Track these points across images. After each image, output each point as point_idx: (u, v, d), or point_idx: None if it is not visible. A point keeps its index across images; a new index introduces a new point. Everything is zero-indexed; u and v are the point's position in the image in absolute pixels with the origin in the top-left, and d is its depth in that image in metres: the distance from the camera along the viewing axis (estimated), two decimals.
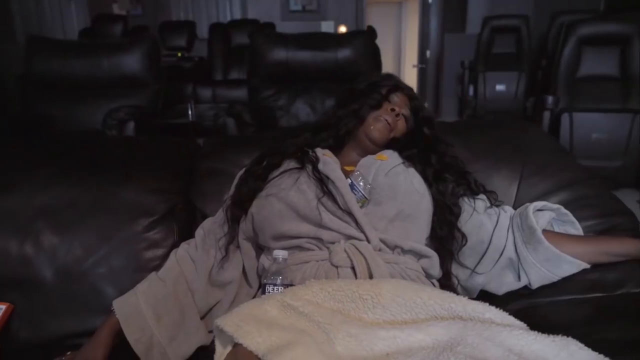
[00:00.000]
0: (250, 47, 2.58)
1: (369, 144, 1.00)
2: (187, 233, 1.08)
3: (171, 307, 0.90)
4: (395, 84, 1.04)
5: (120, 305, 0.89)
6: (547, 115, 2.50)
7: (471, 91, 3.99)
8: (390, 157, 0.97)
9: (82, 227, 1.04)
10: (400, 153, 1.00)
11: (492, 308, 0.69)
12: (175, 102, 3.06)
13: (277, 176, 0.94)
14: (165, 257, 1.04)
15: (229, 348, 0.68)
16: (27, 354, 0.97)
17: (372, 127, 0.99)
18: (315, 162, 0.93)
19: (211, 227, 0.98)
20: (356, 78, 1.11)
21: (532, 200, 1.05)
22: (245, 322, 0.66)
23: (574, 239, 0.93)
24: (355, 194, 0.86)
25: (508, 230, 0.94)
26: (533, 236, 0.89)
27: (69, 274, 1.01)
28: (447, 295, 0.70)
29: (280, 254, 0.81)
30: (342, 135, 1.01)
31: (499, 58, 3.94)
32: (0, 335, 0.96)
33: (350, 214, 0.85)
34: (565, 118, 2.42)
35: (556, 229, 0.99)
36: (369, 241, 0.83)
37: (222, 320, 0.68)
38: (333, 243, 0.84)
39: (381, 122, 0.99)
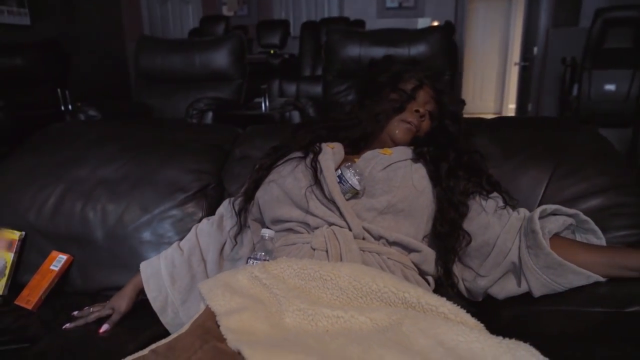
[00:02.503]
0: (325, 43, 2.65)
1: (391, 143, 1.01)
2: (214, 210, 1.19)
3: (185, 273, 1.02)
4: (420, 80, 1.01)
5: (145, 267, 1.03)
6: None
7: (575, 91, 3.60)
8: (396, 152, 0.96)
9: (130, 197, 1.21)
10: (414, 149, 0.99)
11: (449, 303, 0.67)
12: (260, 97, 3.26)
13: (281, 164, 0.99)
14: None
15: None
16: (77, 297, 1.15)
17: (396, 131, 0.99)
18: (317, 152, 0.96)
19: (229, 208, 1.08)
20: (377, 65, 1.09)
21: (559, 204, 0.97)
22: (217, 287, 0.74)
23: (586, 248, 0.84)
24: (343, 185, 0.88)
25: (517, 234, 0.88)
26: (535, 240, 0.83)
27: (116, 236, 1.19)
28: (404, 285, 0.69)
29: (267, 232, 0.87)
30: (357, 138, 1.01)
31: (610, 54, 3.49)
32: (60, 281, 1.16)
33: (334, 203, 0.87)
34: None
35: (577, 238, 0.90)
36: (350, 229, 0.85)
37: (202, 283, 0.77)
38: (318, 228, 0.88)
39: (405, 125, 0.99)
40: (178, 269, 1.02)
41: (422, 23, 5.46)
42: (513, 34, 7.11)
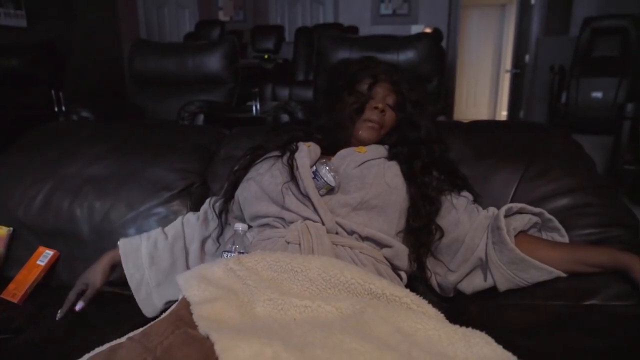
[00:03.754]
0: (316, 48, 2.70)
1: (362, 143, 1.03)
2: (198, 208, 1.22)
3: (165, 257, 1.05)
4: (375, 77, 1.03)
5: (125, 243, 1.06)
6: (626, 124, 2.23)
7: (563, 98, 3.66)
8: (370, 151, 0.99)
9: (116, 194, 1.24)
10: (390, 149, 1.02)
11: (412, 294, 0.71)
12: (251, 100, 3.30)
13: (259, 162, 1.03)
14: None
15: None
16: (63, 291, 1.17)
17: (360, 132, 1.01)
18: (293, 150, 0.99)
19: (210, 210, 1.10)
20: (334, 70, 1.10)
21: (527, 204, 1.01)
22: (193, 278, 0.77)
23: (549, 245, 0.88)
24: (317, 181, 0.91)
25: (485, 231, 0.92)
26: (499, 237, 0.87)
27: (102, 232, 1.22)
28: (370, 276, 0.73)
29: (239, 226, 0.90)
30: (338, 139, 1.03)
31: (598, 62, 3.55)
32: (47, 275, 1.19)
33: (309, 198, 0.91)
34: None
35: (543, 236, 0.94)
36: (324, 224, 0.88)
37: (180, 275, 0.80)
38: (293, 223, 0.91)
39: (367, 124, 1.01)
40: (160, 252, 1.05)
41: (415, 30, 5.52)
42: (505, 41, 7.20)
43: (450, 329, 0.63)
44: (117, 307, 1.11)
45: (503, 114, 6.97)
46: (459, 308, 0.89)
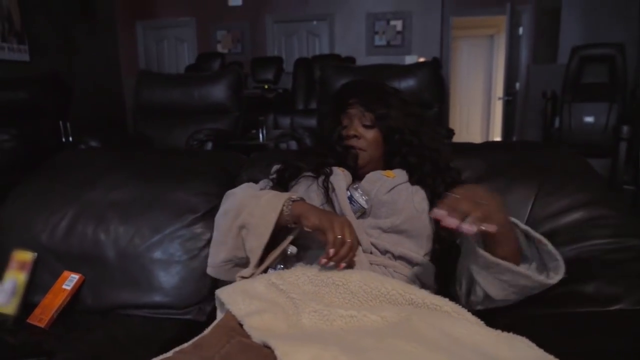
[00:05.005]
0: (320, 78, 2.79)
1: (362, 168, 1.04)
2: None
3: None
4: (341, 105, 1.04)
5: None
6: (623, 145, 2.32)
7: (556, 123, 3.78)
8: (398, 175, 1.01)
9: (141, 218, 1.26)
10: (411, 175, 1.02)
11: (451, 303, 0.74)
12: (257, 128, 3.37)
13: (295, 184, 1.06)
14: (203, 248, 1.23)
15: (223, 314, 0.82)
16: (89, 317, 1.19)
17: (347, 161, 1.03)
18: (328, 174, 1.02)
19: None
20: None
21: (544, 219, 1.06)
22: (235, 293, 0.80)
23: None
24: (353, 205, 0.95)
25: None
26: (468, 244, 0.86)
27: (127, 256, 1.23)
28: (410, 287, 0.76)
29: (290, 248, 0.92)
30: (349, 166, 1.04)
31: (588, 88, 3.70)
32: (72, 300, 1.20)
33: None
34: None
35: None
36: (360, 244, 0.91)
37: (220, 290, 0.83)
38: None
39: (350, 151, 1.02)
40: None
41: (409, 60, 5.71)
42: (495, 70, 7.44)
43: (493, 333, 0.66)
44: (144, 328, 1.13)
45: (496, 140, 7.12)
46: (488, 320, 0.92)
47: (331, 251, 0.79)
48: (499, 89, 7.21)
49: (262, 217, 0.88)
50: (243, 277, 0.90)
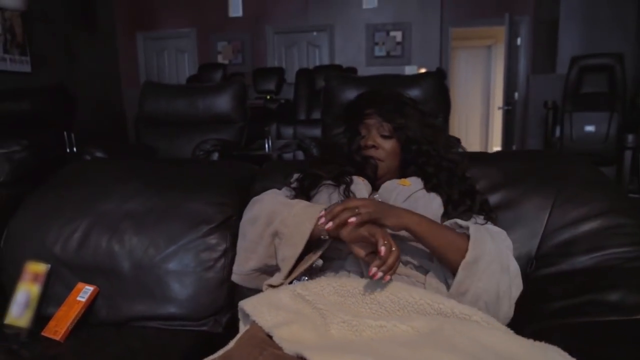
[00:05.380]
0: (324, 88, 2.80)
1: (381, 178, 1.05)
2: (236, 241, 1.25)
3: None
4: (359, 115, 1.06)
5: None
6: (628, 154, 2.33)
7: (557, 132, 3.81)
8: (413, 183, 1.02)
9: (155, 229, 1.26)
10: (425, 183, 1.03)
11: (480, 313, 0.74)
12: (260, 138, 3.38)
13: (316, 193, 1.06)
14: (218, 259, 1.22)
15: (248, 326, 0.81)
16: (104, 329, 1.18)
17: (366, 170, 1.04)
18: (349, 183, 1.03)
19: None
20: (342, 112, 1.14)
21: (562, 227, 1.07)
22: (261, 305, 0.79)
23: None
24: None
25: None
26: None
27: (142, 267, 1.23)
28: (438, 297, 0.76)
29: (317, 262, 0.91)
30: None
31: (588, 98, 3.73)
32: (86, 312, 1.19)
33: None
34: None
35: None
36: None
37: (244, 302, 0.82)
38: (350, 253, 0.94)
39: (370, 161, 1.03)
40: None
41: (409, 70, 5.75)
42: (494, 80, 7.51)
43: (526, 342, 0.66)
44: (160, 340, 1.12)
45: (495, 149, 7.15)
46: (515, 330, 0.91)
47: (378, 262, 0.76)
48: (497, 99, 7.28)
49: (297, 226, 0.87)
50: (271, 286, 0.89)
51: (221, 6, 6.32)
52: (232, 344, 0.76)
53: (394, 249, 0.77)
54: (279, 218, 0.90)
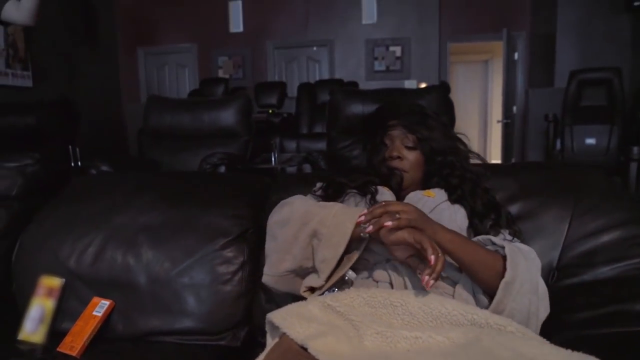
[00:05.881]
0: (329, 102, 2.82)
1: (405, 189, 1.06)
2: (255, 253, 1.24)
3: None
4: (384, 126, 1.06)
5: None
6: (633, 166, 2.35)
7: (558, 145, 3.84)
8: (437, 195, 1.03)
9: (171, 242, 1.25)
10: (449, 195, 1.03)
11: (514, 323, 0.73)
12: (264, 152, 3.39)
13: (342, 201, 1.05)
14: (236, 272, 1.21)
15: (277, 339, 0.80)
16: (120, 344, 1.16)
17: (391, 181, 1.05)
18: (374, 192, 1.03)
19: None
20: (362, 123, 1.15)
21: (583, 238, 1.07)
22: (290, 316, 0.78)
23: None
24: None
25: None
26: None
27: (158, 281, 1.21)
28: (471, 307, 0.76)
29: (348, 273, 0.90)
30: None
31: (587, 111, 3.78)
32: (102, 326, 1.17)
33: None
34: None
35: None
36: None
37: (272, 314, 0.81)
38: (377, 264, 0.93)
39: (394, 172, 1.04)
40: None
41: (408, 84, 5.81)
42: (491, 94, 7.59)
43: (565, 353, 0.66)
44: (178, 356, 1.10)
45: (494, 162, 7.20)
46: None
47: (429, 271, 0.75)
48: (495, 113, 7.35)
49: (337, 227, 0.86)
50: (311, 289, 0.88)
51: (222, 22, 6.39)
52: (262, 357, 0.75)
53: (440, 255, 0.76)
54: (316, 218, 0.89)
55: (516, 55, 5.68)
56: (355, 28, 6.06)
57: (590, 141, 3.59)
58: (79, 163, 2.85)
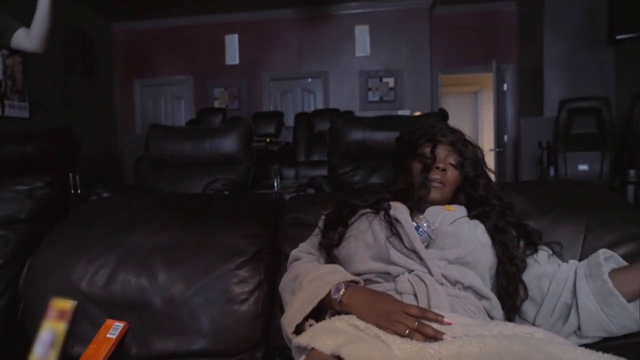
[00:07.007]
0: (330, 128, 2.87)
1: (431, 203, 1.09)
2: (271, 272, 1.24)
3: None
4: (433, 141, 1.11)
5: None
6: (631, 189, 2.41)
7: (551, 172, 3.92)
8: (458, 210, 1.06)
9: (186, 262, 1.24)
10: (468, 211, 1.07)
11: (541, 330, 0.74)
12: (264, 179, 3.40)
13: (355, 221, 1.08)
14: (253, 291, 1.21)
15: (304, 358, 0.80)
16: None
17: (425, 192, 1.07)
18: (387, 208, 1.05)
19: (310, 250, 1.13)
20: (399, 139, 1.20)
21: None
22: (318, 333, 0.78)
23: (622, 270, 0.93)
24: (420, 235, 0.97)
25: (567, 280, 0.97)
26: (597, 268, 0.92)
27: (173, 302, 1.20)
28: (495, 322, 0.76)
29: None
30: (411, 200, 1.08)
31: (579, 139, 3.89)
32: (117, 349, 1.14)
33: (414, 251, 0.95)
34: None
35: None
36: (431, 274, 0.92)
37: (298, 338, 0.81)
38: (399, 276, 0.94)
39: (433, 184, 1.07)
40: None
41: (402, 114, 5.93)
42: (481, 124, 7.76)
43: (597, 355, 0.66)
44: None
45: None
46: None
47: (431, 331, 0.75)
48: (485, 142, 7.49)
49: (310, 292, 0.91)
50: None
51: (218, 54, 6.53)
52: None
53: (413, 325, 0.76)
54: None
55: (505, 86, 5.86)
56: (349, 60, 6.23)
57: (583, 167, 3.68)
58: (79, 191, 2.83)
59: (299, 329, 0.89)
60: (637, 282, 0.87)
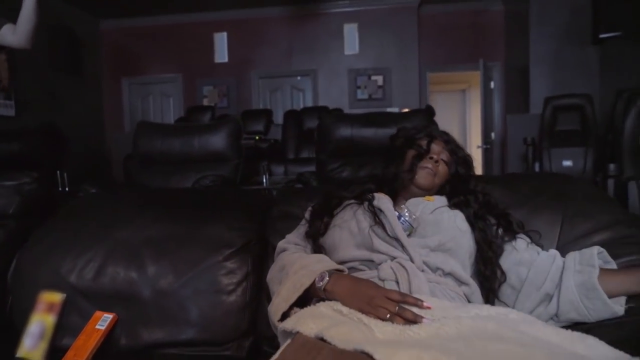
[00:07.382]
0: (318, 125, 2.89)
1: (419, 190, 1.14)
2: (259, 263, 1.27)
3: None
4: (430, 136, 1.18)
5: None
6: (611, 183, 2.48)
7: (536, 167, 3.99)
8: (437, 200, 1.10)
9: (175, 255, 1.26)
10: (449, 200, 1.11)
11: (515, 311, 0.78)
12: (253, 176, 3.42)
13: (340, 211, 1.11)
14: (240, 282, 1.23)
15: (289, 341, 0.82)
16: (123, 357, 1.15)
17: (417, 177, 1.12)
18: (371, 199, 1.09)
19: (297, 241, 1.16)
20: (395, 136, 1.27)
21: (575, 240, 1.13)
22: (303, 317, 0.81)
23: (610, 273, 0.97)
24: (402, 224, 1.00)
25: (550, 271, 1.00)
26: (591, 259, 0.97)
27: (162, 293, 1.22)
28: (472, 305, 0.80)
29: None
30: (397, 188, 1.15)
31: (563, 135, 3.96)
32: (106, 340, 1.16)
33: (397, 239, 0.99)
34: (632, 186, 2.39)
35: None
36: (412, 261, 0.95)
37: (284, 323, 0.83)
38: (382, 263, 0.97)
39: (425, 170, 1.12)
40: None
41: (390, 112, 5.97)
42: (469, 121, 7.85)
43: (567, 333, 0.70)
44: None
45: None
46: None
47: (410, 315, 0.77)
48: (473, 139, 7.58)
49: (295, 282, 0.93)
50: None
51: (207, 53, 6.52)
52: (277, 355, 0.76)
53: (396, 310, 0.78)
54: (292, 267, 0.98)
55: (492, 84, 5.93)
56: (338, 58, 6.25)
57: (567, 163, 3.75)
58: (67, 188, 2.83)
59: (285, 317, 0.91)
60: (623, 287, 0.93)
